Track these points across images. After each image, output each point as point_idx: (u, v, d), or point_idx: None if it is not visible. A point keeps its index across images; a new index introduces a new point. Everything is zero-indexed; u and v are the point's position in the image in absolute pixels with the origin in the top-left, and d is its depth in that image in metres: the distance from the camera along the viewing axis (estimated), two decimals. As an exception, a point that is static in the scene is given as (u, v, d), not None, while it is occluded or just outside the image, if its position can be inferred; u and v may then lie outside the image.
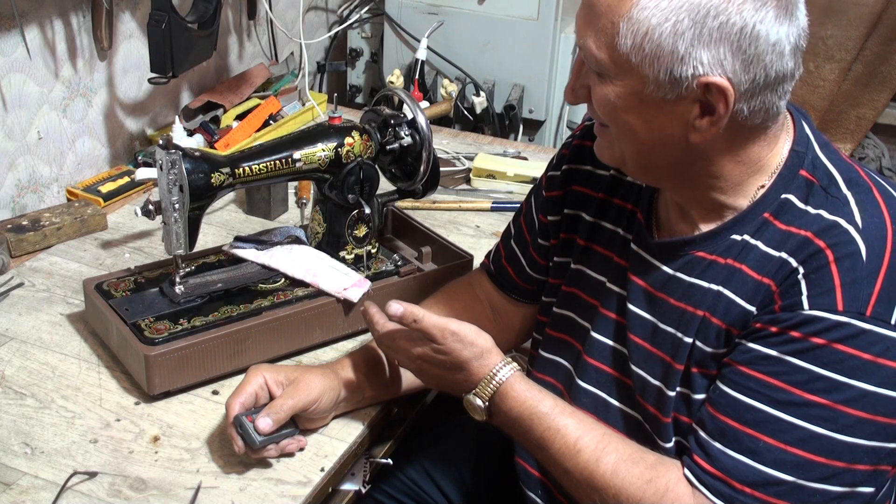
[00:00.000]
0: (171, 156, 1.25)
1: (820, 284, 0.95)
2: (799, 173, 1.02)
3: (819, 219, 0.98)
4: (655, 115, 0.98)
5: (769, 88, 0.96)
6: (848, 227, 0.97)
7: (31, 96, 1.68)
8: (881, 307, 0.93)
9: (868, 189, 1.00)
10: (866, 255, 0.95)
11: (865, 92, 2.30)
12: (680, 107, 0.97)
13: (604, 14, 0.95)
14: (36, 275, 1.54)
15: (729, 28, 0.92)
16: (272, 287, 1.39)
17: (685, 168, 1.03)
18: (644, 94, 0.96)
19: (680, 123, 0.98)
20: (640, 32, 0.93)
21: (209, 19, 1.81)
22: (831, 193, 1.00)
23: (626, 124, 1.00)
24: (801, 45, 0.97)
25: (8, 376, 1.30)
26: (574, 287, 1.21)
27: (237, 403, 1.16)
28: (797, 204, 1.01)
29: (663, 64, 0.94)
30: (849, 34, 2.25)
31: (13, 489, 1.11)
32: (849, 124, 2.35)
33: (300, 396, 1.17)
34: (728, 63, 0.93)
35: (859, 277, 0.94)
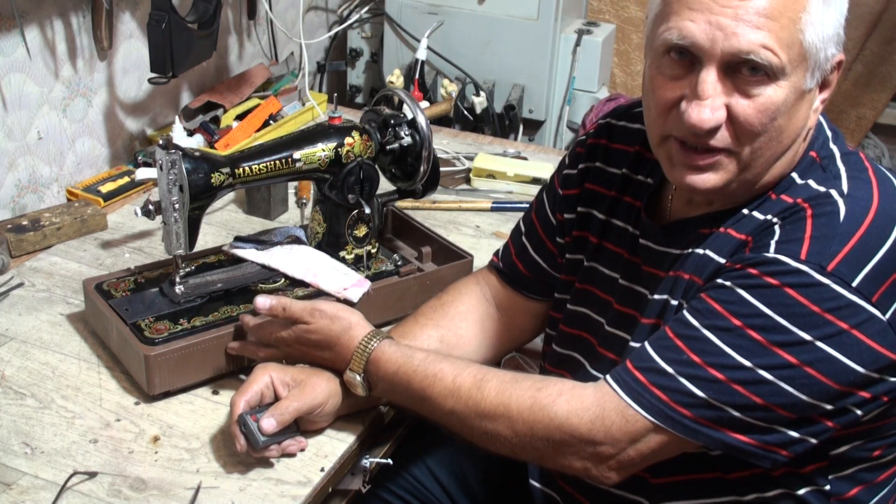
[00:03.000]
0: (171, 156, 1.25)
1: (790, 233, 0.96)
2: (808, 153, 1.04)
3: (808, 188, 1.01)
4: (800, 108, 0.99)
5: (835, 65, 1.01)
6: (832, 193, 0.98)
7: (31, 96, 1.68)
8: (845, 267, 0.93)
9: (863, 168, 1.02)
10: (844, 216, 0.95)
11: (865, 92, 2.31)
12: (813, 93, 1.00)
13: (783, 13, 0.93)
14: (36, 275, 1.54)
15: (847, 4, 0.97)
16: (272, 287, 1.39)
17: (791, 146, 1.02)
18: (802, 87, 0.97)
19: (808, 110, 1.00)
20: (818, 23, 0.94)
21: (209, 19, 1.81)
22: (828, 170, 1.02)
23: (777, 128, 0.98)
24: None
25: (8, 376, 1.30)
26: (588, 284, 1.22)
27: (242, 401, 1.16)
28: (797, 180, 1.03)
29: (825, 50, 0.96)
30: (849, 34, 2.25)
31: (13, 489, 1.11)
32: (849, 124, 2.35)
33: (305, 399, 1.17)
34: (842, 37, 0.98)
35: (831, 234, 0.94)
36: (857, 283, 0.93)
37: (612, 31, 2.49)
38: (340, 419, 1.25)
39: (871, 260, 0.94)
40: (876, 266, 0.93)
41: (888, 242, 0.95)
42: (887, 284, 0.94)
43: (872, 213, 0.96)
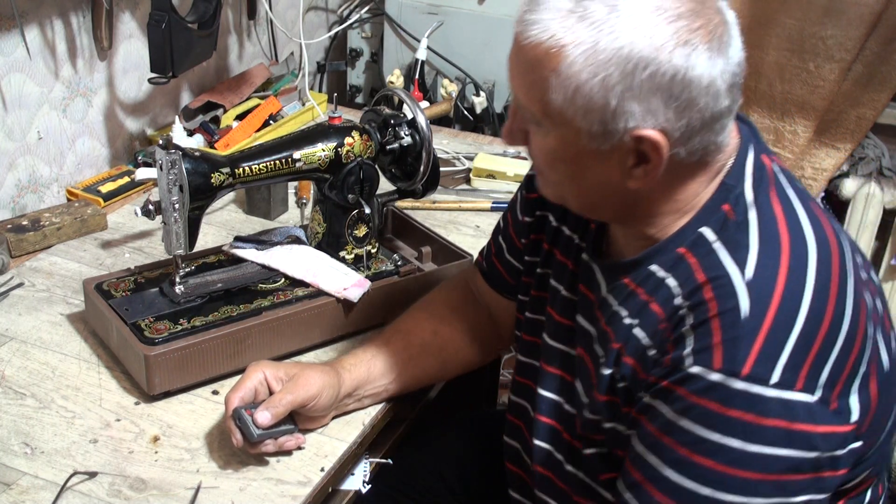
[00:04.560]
0: (171, 156, 1.25)
1: (702, 339, 0.92)
2: (721, 207, 0.99)
3: (715, 264, 0.95)
4: (592, 165, 0.96)
5: (705, 129, 0.93)
6: (735, 280, 0.93)
7: (31, 96, 1.68)
8: (760, 367, 0.90)
9: (777, 238, 0.96)
10: (748, 312, 0.91)
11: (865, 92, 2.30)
12: (615, 156, 0.94)
13: (533, 68, 0.92)
14: (36, 275, 1.54)
15: (660, 78, 0.88)
16: (272, 287, 1.39)
17: (626, 209, 1.01)
18: (579, 144, 0.94)
19: (616, 172, 0.96)
20: (571, 87, 0.90)
21: (209, 19, 1.81)
22: (739, 234, 0.96)
23: (563, 172, 0.99)
24: (737, 80, 0.94)
25: (8, 376, 1.30)
26: (540, 291, 1.21)
27: (236, 398, 1.16)
28: (709, 239, 0.98)
29: (595, 117, 0.91)
30: (849, 34, 2.25)
31: (13, 489, 1.11)
32: (849, 124, 2.34)
33: (299, 392, 1.17)
34: (660, 113, 0.90)
35: (738, 336, 0.91)
36: (776, 380, 0.89)
37: (612, 31, 2.49)
38: (340, 419, 1.25)
39: (783, 351, 0.90)
40: (791, 355, 0.90)
41: (796, 326, 0.91)
42: (807, 366, 0.91)
43: (776, 301, 0.92)
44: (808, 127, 2.39)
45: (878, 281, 1.07)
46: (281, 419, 1.16)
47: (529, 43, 0.91)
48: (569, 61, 0.89)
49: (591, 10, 0.88)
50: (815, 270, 0.94)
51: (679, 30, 0.88)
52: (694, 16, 0.89)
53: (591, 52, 0.88)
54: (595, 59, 0.88)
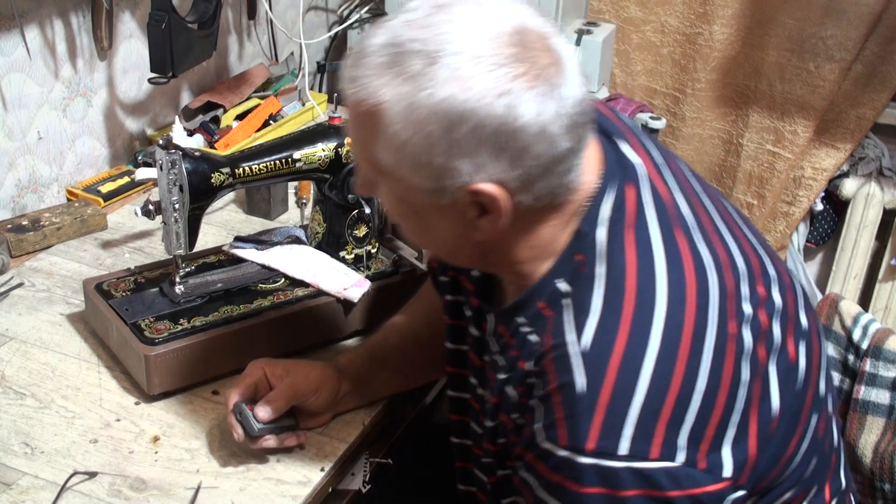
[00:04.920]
0: (171, 156, 1.25)
1: (547, 414, 0.90)
2: (574, 258, 0.94)
3: (559, 329, 0.91)
4: (435, 219, 0.93)
5: (548, 174, 0.89)
6: (572, 350, 0.89)
7: (31, 96, 1.68)
8: (604, 441, 0.86)
9: (621, 298, 0.91)
10: (584, 387, 0.87)
11: (865, 92, 2.30)
12: (456, 210, 0.90)
13: (360, 126, 0.90)
14: (36, 275, 1.54)
15: (483, 131, 0.84)
16: (272, 287, 1.39)
17: (483, 258, 0.98)
18: (417, 200, 0.91)
19: (460, 225, 0.92)
20: (394, 147, 0.87)
21: (209, 19, 1.81)
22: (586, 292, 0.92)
23: (409, 225, 0.97)
24: (578, 120, 0.88)
25: (8, 376, 1.30)
26: (455, 319, 1.18)
27: (236, 395, 1.17)
28: (562, 292, 0.94)
29: (424, 175, 0.87)
30: (849, 34, 2.25)
31: (13, 489, 1.11)
32: (849, 124, 2.34)
33: (299, 387, 1.18)
34: (490, 166, 0.86)
35: (577, 412, 0.87)
36: (625, 451, 0.86)
37: (612, 31, 2.49)
38: (340, 419, 1.25)
39: (626, 423, 0.87)
40: (637, 426, 0.87)
41: (637, 396, 0.87)
42: (659, 433, 0.87)
43: (612, 373, 0.88)
44: (808, 127, 2.39)
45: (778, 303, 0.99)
46: (282, 415, 1.16)
47: (353, 101, 0.88)
48: (389, 120, 0.86)
49: (409, 64, 0.84)
50: (661, 331, 0.89)
51: (499, 79, 0.83)
52: (515, 62, 0.84)
53: (410, 109, 0.84)
54: (414, 116, 0.84)
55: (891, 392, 1.37)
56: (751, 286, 0.97)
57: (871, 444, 1.38)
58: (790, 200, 2.48)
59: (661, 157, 1.03)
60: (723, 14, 2.36)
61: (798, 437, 1.00)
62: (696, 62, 2.43)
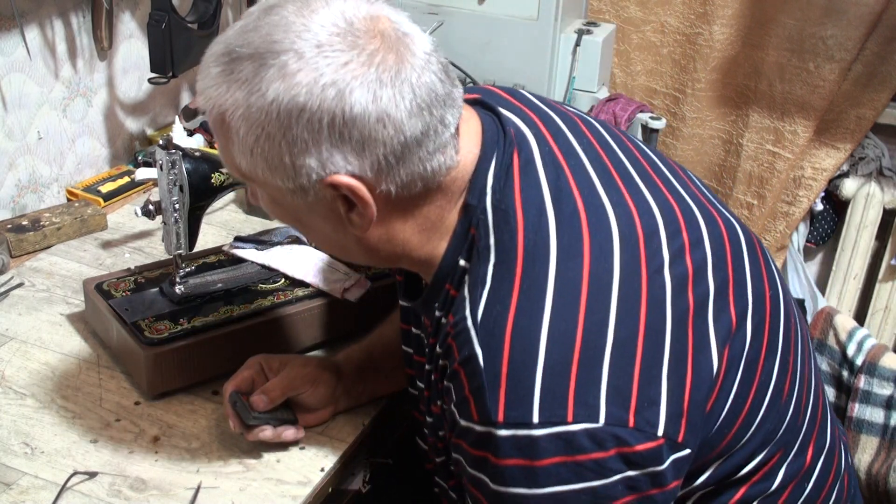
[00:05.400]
0: (171, 156, 1.25)
1: (457, 391, 0.90)
2: (469, 232, 0.93)
3: (460, 305, 0.91)
4: (310, 217, 0.94)
5: (405, 159, 0.87)
6: (469, 325, 0.89)
7: (31, 96, 1.68)
8: (514, 411, 0.85)
9: (512, 264, 0.90)
10: (483, 359, 0.87)
11: (865, 92, 2.30)
12: (325, 206, 0.90)
13: (216, 136, 0.91)
14: (36, 275, 1.54)
15: (317, 125, 0.84)
16: (272, 287, 1.40)
17: (374, 252, 0.96)
18: (286, 201, 0.91)
19: (335, 220, 0.92)
20: (246, 149, 0.87)
21: (209, 19, 1.81)
22: (481, 265, 0.91)
23: (296, 226, 0.99)
24: (425, 100, 0.86)
25: (8, 376, 1.30)
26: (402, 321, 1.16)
27: (233, 386, 1.17)
28: (466, 268, 0.93)
29: (281, 175, 0.88)
30: (849, 34, 2.25)
31: (13, 489, 1.11)
32: (849, 124, 2.34)
33: (295, 379, 1.18)
34: (337, 159, 0.86)
35: (482, 384, 0.87)
36: (539, 419, 0.85)
37: (612, 31, 2.49)
38: (340, 419, 1.25)
39: (534, 390, 0.85)
40: (545, 391, 0.85)
41: (539, 361, 0.86)
42: (572, 394, 0.85)
43: (507, 343, 0.86)
44: (808, 127, 2.39)
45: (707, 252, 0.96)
46: (279, 409, 1.17)
47: (205, 110, 0.89)
48: (234, 126, 0.87)
49: (240, 70, 0.85)
50: (552, 289, 0.88)
51: (324, 70, 0.83)
52: (340, 52, 0.84)
53: (247, 113, 0.85)
54: (253, 119, 0.85)
55: (885, 410, 1.34)
56: (670, 233, 0.95)
57: (864, 465, 1.34)
58: (790, 200, 2.48)
59: (563, 119, 1.02)
60: (723, 14, 2.36)
61: (754, 393, 0.97)
62: (696, 62, 2.43)
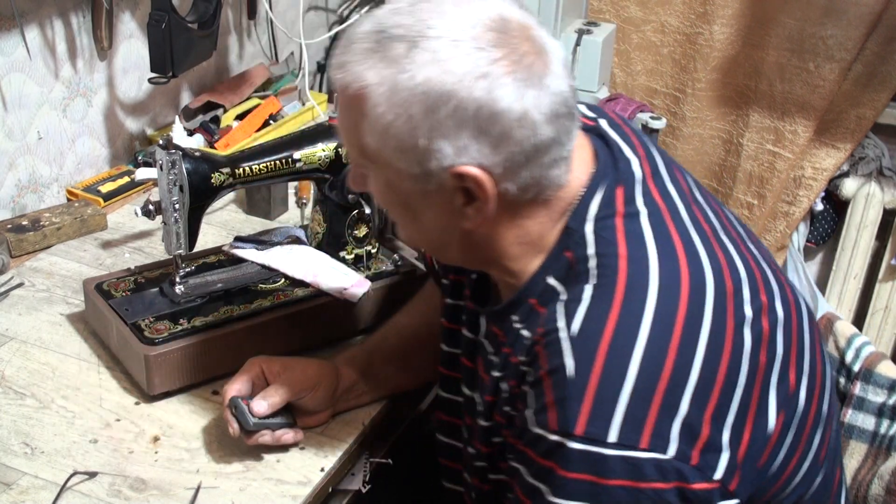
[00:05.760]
0: (171, 156, 1.25)
1: (538, 399, 0.90)
2: (564, 254, 0.95)
3: (551, 318, 0.92)
4: (423, 206, 0.94)
5: (531, 162, 0.89)
6: (562, 336, 0.90)
7: (31, 96, 1.68)
8: (592, 427, 0.86)
9: (612, 283, 0.91)
10: (573, 371, 0.88)
11: (865, 92, 2.30)
12: (443, 196, 0.91)
13: (347, 112, 0.91)
14: (36, 275, 1.54)
15: (463, 113, 0.86)
16: (272, 287, 1.40)
17: (473, 252, 0.98)
18: (404, 186, 0.92)
19: (448, 212, 0.93)
20: (379, 130, 0.88)
21: (209, 19, 1.81)
22: (577, 283, 0.93)
23: (401, 215, 0.98)
24: (562, 111, 0.89)
25: (8, 376, 1.30)
26: (451, 323, 1.18)
27: (233, 390, 1.17)
28: (555, 290, 0.94)
29: (410, 158, 0.89)
30: (849, 34, 2.25)
31: (13, 489, 1.11)
32: (849, 124, 2.34)
33: (295, 383, 1.18)
34: (473, 149, 0.87)
35: (566, 396, 0.87)
36: (614, 439, 0.86)
37: (612, 31, 2.49)
38: (340, 419, 1.25)
39: (616, 410, 0.86)
40: (626, 413, 0.86)
41: (627, 382, 0.87)
42: (650, 422, 0.86)
43: (601, 358, 0.88)
44: (808, 127, 2.39)
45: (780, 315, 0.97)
46: (279, 413, 1.16)
47: (340, 86, 0.90)
48: (373, 103, 0.88)
49: (391, 48, 0.86)
50: (651, 318, 0.89)
51: (478, 62, 0.85)
52: (494, 47, 0.86)
53: (392, 91, 0.86)
54: (397, 98, 0.86)
55: (876, 418, 1.34)
56: (752, 291, 0.96)
57: (851, 470, 1.34)
58: (790, 200, 2.48)
59: (663, 164, 1.03)
60: (723, 14, 2.36)
61: (799, 455, 0.99)
62: (696, 62, 2.43)
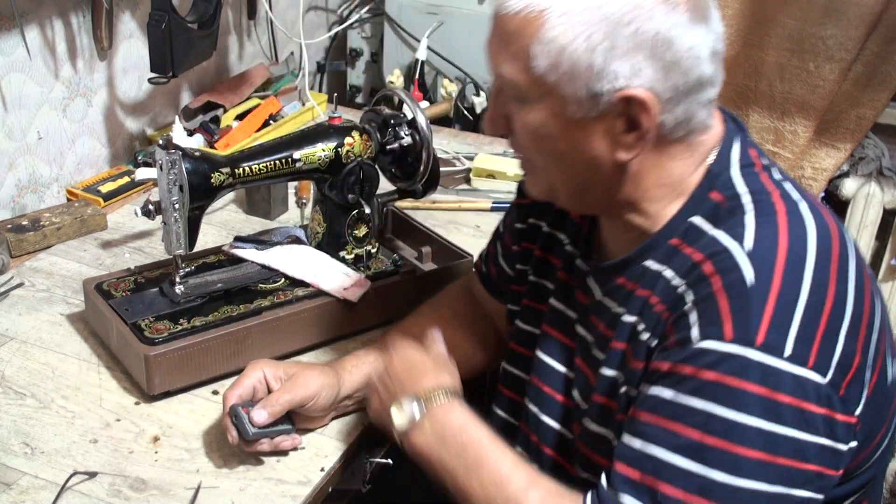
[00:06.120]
0: (171, 156, 1.25)
1: (708, 314, 0.90)
2: (709, 195, 0.98)
3: (713, 242, 0.94)
4: (581, 136, 0.94)
5: (691, 95, 0.93)
6: (736, 253, 0.91)
7: (31, 96, 1.68)
8: (773, 335, 0.87)
9: (772, 212, 0.94)
10: (754, 279, 0.89)
11: (865, 92, 2.30)
12: (604, 124, 0.93)
13: (514, 38, 0.92)
14: (36, 275, 1.54)
15: (642, 35, 0.88)
16: (272, 287, 1.39)
17: (615, 192, 0.99)
18: (566, 114, 0.93)
19: (606, 142, 0.94)
20: (553, 52, 0.89)
21: (209, 19, 1.81)
22: (733, 216, 0.95)
23: (552, 151, 0.97)
24: (718, 50, 0.94)
25: (8, 376, 1.30)
26: (531, 300, 1.20)
27: (234, 395, 1.16)
28: (702, 227, 0.96)
29: (581, 81, 0.90)
30: (849, 34, 2.25)
31: (13, 489, 1.11)
32: (849, 124, 2.34)
33: (297, 391, 1.17)
34: (646, 72, 0.89)
35: (747, 304, 0.88)
36: (789, 352, 0.87)
37: (612, 31, 2.49)
38: (340, 419, 1.25)
39: (793, 321, 0.88)
40: (800, 327, 0.88)
41: (802, 295, 0.89)
42: (817, 342, 0.88)
43: (780, 268, 0.89)
44: (808, 127, 2.39)
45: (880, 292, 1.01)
46: (278, 419, 1.16)
47: (508, 13, 0.91)
48: (549, 25, 0.89)
49: None
50: (814, 249, 0.91)
51: None
52: None
53: (571, 13, 0.88)
54: (576, 19, 0.88)
55: None
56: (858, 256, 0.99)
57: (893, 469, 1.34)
58: (790, 200, 2.48)
59: None
60: (723, 14, 2.34)
61: (885, 429, 1.01)
62: (696, 62, 2.43)
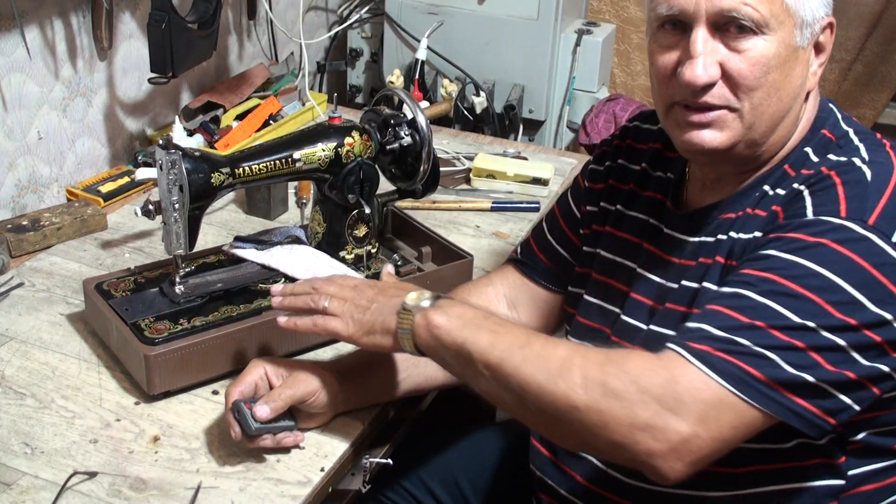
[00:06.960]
0: (171, 156, 1.25)
1: (824, 199, 0.98)
2: (821, 132, 1.08)
3: (827, 160, 1.04)
4: (794, 66, 1.03)
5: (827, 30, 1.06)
6: (854, 160, 1.01)
7: (31, 96, 1.68)
8: (884, 221, 0.95)
9: (881, 143, 1.05)
10: (871, 178, 0.99)
11: (865, 92, 2.30)
12: (807, 53, 1.04)
13: None
14: (36, 275, 1.54)
15: None
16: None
17: (792, 123, 1.08)
18: (792, 44, 1.02)
19: (804, 71, 1.05)
20: None
21: (209, 19, 1.81)
22: (844, 145, 1.05)
23: (773, 83, 1.02)
24: None
25: (8, 376, 1.30)
26: (603, 275, 1.23)
27: (236, 392, 1.17)
28: (811, 156, 1.06)
29: (811, 8, 1.01)
30: (849, 34, 2.25)
31: (13, 489, 1.11)
32: (849, 124, 2.35)
33: (299, 387, 1.17)
34: None
35: (863, 193, 0.97)
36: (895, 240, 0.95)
37: (612, 31, 2.49)
38: (340, 419, 1.25)
39: None
40: None
41: None
42: None
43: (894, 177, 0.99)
44: (808, 127, 2.39)
45: None
46: (281, 415, 1.16)
47: None
48: None
49: None
50: None
51: None
52: None
53: None
54: None
55: None
56: None
57: None
58: (790, 200, 2.48)
59: None
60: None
61: None
62: (696, 62, 2.43)
